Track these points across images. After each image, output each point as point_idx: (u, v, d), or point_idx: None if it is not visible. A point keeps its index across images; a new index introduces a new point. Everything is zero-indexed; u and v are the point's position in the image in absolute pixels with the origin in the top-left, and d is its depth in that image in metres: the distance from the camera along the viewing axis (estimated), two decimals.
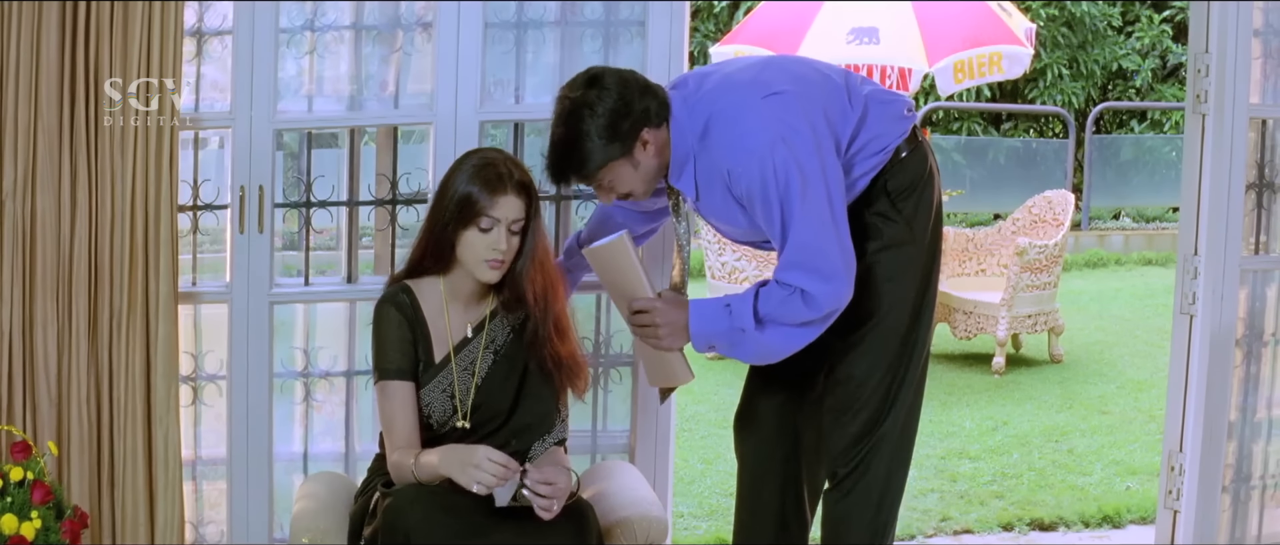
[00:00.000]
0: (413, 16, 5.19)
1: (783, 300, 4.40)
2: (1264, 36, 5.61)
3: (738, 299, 4.47)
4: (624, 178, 4.48)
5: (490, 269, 4.40)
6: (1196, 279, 5.57)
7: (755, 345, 4.49)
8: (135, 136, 4.79)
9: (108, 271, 4.83)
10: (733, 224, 4.60)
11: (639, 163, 4.46)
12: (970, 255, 10.67)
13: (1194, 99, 5.55)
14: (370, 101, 5.22)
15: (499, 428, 4.49)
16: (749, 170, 4.38)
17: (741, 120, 4.43)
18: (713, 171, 4.47)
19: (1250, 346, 5.75)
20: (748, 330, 4.44)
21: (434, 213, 4.45)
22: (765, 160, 4.36)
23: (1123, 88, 17.54)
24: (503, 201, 4.36)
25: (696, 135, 4.48)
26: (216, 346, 5.17)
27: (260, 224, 5.03)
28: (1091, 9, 16.80)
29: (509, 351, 4.52)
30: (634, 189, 4.51)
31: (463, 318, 4.51)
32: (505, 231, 4.37)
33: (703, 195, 4.53)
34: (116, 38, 4.76)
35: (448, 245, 4.42)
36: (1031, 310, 10.11)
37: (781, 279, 4.41)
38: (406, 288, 4.50)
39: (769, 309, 4.43)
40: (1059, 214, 10.58)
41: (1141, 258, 14.95)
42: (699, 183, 4.52)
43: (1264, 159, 5.73)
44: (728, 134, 4.43)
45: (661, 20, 5.16)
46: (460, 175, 4.41)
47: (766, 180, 4.37)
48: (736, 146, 4.41)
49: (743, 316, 4.43)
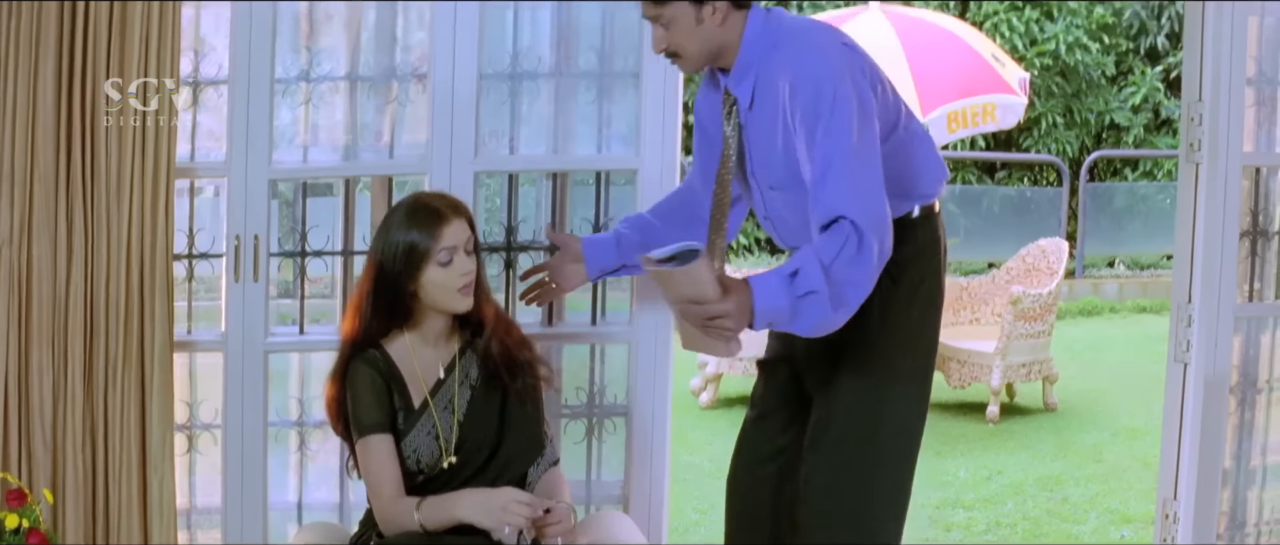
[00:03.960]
0: (408, 67, 5.21)
1: (840, 243, 4.14)
2: (1257, 85, 5.63)
3: (798, 262, 4.15)
4: (684, 24, 4.36)
5: (463, 295, 4.42)
6: (1190, 327, 5.58)
7: (818, 309, 4.15)
8: (131, 184, 4.80)
9: (103, 319, 4.84)
10: (768, 149, 4.44)
11: (702, 20, 4.35)
12: (964, 304, 10.68)
13: (1187, 147, 5.57)
14: (365, 151, 5.23)
15: (488, 460, 4.49)
16: (809, 87, 4.24)
17: (814, 50, 4.33)
18: (772, 84, 4.36)
19: (1244, 394, 5.76)
20: (818, 291, 4.11)
21: (378, 274, 4.45)
22: (827, 84, 4.23)
23: (1116, 136, 17.57)
24: (448, 231, 4.38)
25: (767, 46, 4.39)
26: (211, 395, 5.18)
27: (255, 273, 5.04)
28: (1085, 58, 16.85)
29: (484, 384, 4.53)
30: (684, 46, 4.39)
31: (433, 360, 4.52)
32: (463, 254, 4.40)
33: (755, 105, 4.42)
34: (114, 41, 4.78)
35: (407, 297, 4.43)
36: (1026, 359, 10.11)
37: (827, 218, 4.17)
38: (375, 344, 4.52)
39: (828, 256, 4.13)
40: (1053, 262, 10.59)
41: (1136, 305, 14.96)
42: (756, 90, 4.41)
43: (1257, 206, 5.75)
44: (797, 53, 4.32)
45: (656, 72, 5.17)
46: (393, 231, 4.42)
47: (822, 98, 4.22)
48: (803, 63, 4.29)
49: (812, 278, 4.11)
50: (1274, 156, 5.76)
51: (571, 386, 5.40)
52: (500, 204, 5.39)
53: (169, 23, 4.82)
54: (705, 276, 4.05)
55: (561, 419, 5.37)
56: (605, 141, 5.32)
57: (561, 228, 5.33)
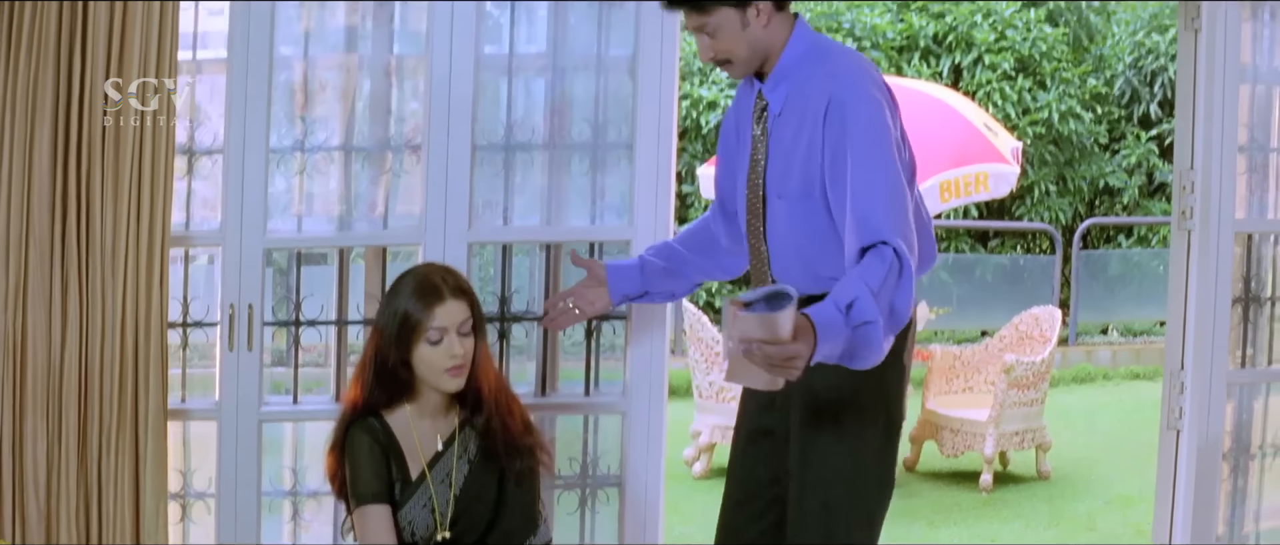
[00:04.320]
0: (402, 138, 5.22)
1: (886, 269, 4.10)
2: (1249, 152, 5.66)
3: (849, 295, 4.05)
4: (730, 29, 4.39)
5: (451, 377, 4.43)
6: (1183, 394, 5.59)
7: (874, 338, 4.08)
8: (126, 251, 4.82)
9: (98, 386, 4.85)
10: (788, 157, 4.44)
11: (748, 24, 4.38)
12: (957, 372, 10.67)
13: (1180, 215, 5.59)
14: (359, 222, 5.24)
15: (482, 536, 4.50)
16: (853, 109, 4.27)
17: (860, 75, 4.36)
18: (804, 96, 4.39)
19: (1238, 460, 5.77)
20: (874, 321, 4.04)
21: (378, 342, 4.48)
22: (870, 108, 4.27)
23: (1110, 203, 17.60)
24: (442, 310, 4.40)
25: (807, 59, 4.43)
26: (205, 464, 5.18)
27: (249, 342, 5.05)
28: (1078, 127, 16.89)
29: (482, 460, 4.53)
30: (733, 52, 4.42)
31: (432, 432, 4.53)
32: (456, 336, 4.40)
33: (784, 113, 4.45)
34: (113, 47, 4.81)
35: (403, 367, 4.44)
36: (1019, 427, 10.09)
37: (870, 240, 4.15)
38: (376, 412, 4.51)
39: (876, 282, 4.08)
40: (1046, 330, 10.59)
41: (1130, 372, 14.94)
42: (788, 99, 4.43)
43: (1250, 273, 5.77)
44: (841, 73, 4.35)
45: (649, 143, 5.19)
46: (397, 298, 4.45)
47: (865, 121, 4.25)
48: (847, 84, 4.31)
49: (867, 308, 4.03)
50: (1266, 223, 5.78)
51: (565, 456, 5.40)
52: (494, 274, 5.40)
53: (168, 30, 4.84)
54: (790, 322, 3.93)
55: (555, 490, 5.37)
56: (599, 212, 5.33)
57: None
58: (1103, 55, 17.86)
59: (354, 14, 5.20)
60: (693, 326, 10.01)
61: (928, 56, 16.68)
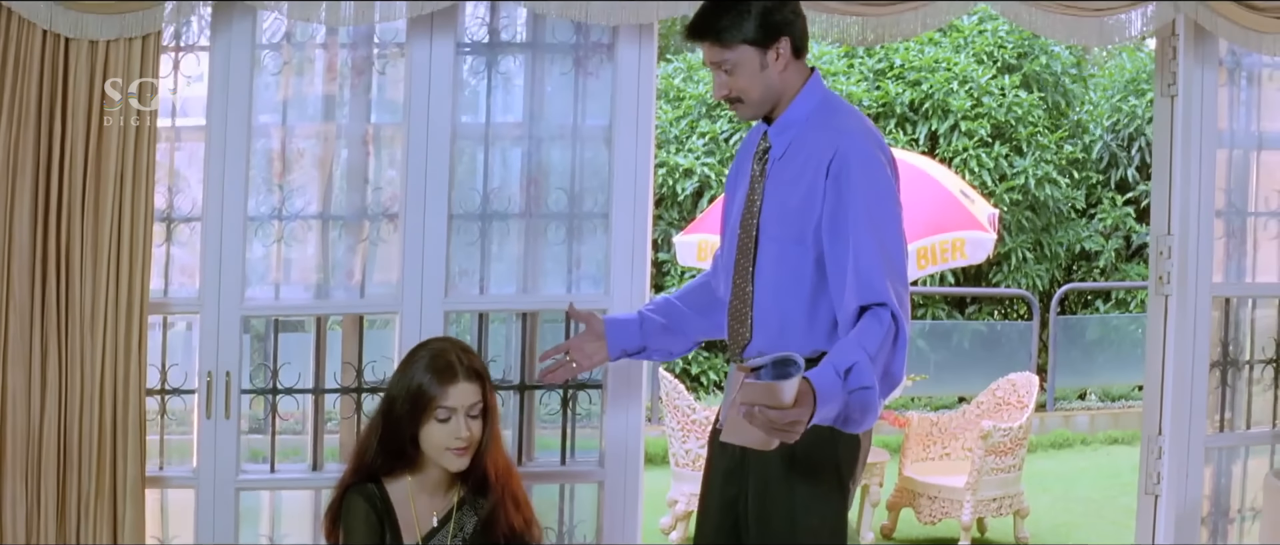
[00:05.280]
0: (379, 207, 5.24)
1: (883, 332, 4.18)
2: (1226, 216, 5.68)
3: (848, 360, 4.11)
4: (748, 68, 4.43)
5: (456, 457, 4.40)
6: (1161, 459, 5.60)
7: (869, 403, 4.15)
8: (105, 317, 4.82)
9: (77, 453, 4.85)
10: (784, 201, 4.46)
11: (767, 66, 4.42)
12: (934, 439, 10.66)
13: (1157, 280, 5.60)
14: (337, 289, 5.25)
15: None
16: (860, 167, 4.31)
17: (868, 136, 4.41)
18: (808, 145, 4.43)
19: (1216, 524, 5.77)
20: (872, 386, 4.12)
21: (389, 412, 4.45)
22: (875, 168, 4.33)
23: (1087, 268, 17.62)
24: (454, 390, 4.37)
25: (817, 111, 4.47)
26: (183, 531, 5.17)
27: (227, 410, 5.04)
28: (1055, 193, 16.92)
29: (476, 540, 4.52)
30: (748, 91, 4.45)
31: (429, 508, 4.50)
32: (464, 418, 4.38)
33: (787, 156, 4.47)
34: (90, 173, 4.80)
35: (410, 441, 4.42)
36: (996, 493, 10.08)
37: (869, 301, 4.21)
38: (375, 478, 4.49)
39: (873, 346, 4.16)
40: (1023, 396, 10.58)
41: (1108, 437, 14.93)
42: (791, 144, 4.46)
43: (1228, 337, 5.79)
44: (850, 130, 4.40)
45: (625, 212, 5.24)
46: (413, 371, 4.43)
47: (871, 180, 4.31)
48: (856, 142, 4.36)
49: (864, 373, 4.10)
50: (1244, 287, 5.80)
51: (541, 525, 5.39)
52: (470, 342, 5.39)
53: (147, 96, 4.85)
54: (794, 390, 3.98)
55: None
56: (575, 281, 5.34)
57: (531, 367, 5.34)
58: (1079, 120, 17.90)
59: (332, 83, 5.22)
60: (669, 394, 9.99)
61: (904, 124, 16.71)
